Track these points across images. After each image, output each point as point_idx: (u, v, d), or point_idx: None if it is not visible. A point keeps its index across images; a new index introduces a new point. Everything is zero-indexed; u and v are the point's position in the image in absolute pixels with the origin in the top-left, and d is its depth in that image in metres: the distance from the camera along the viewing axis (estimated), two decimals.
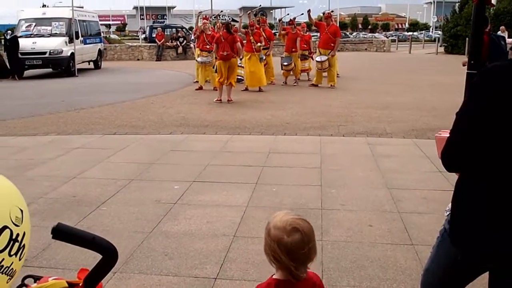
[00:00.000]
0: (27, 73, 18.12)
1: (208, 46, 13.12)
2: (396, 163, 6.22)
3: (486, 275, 2.04)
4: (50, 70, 18.49)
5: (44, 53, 17.51)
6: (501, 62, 1.96)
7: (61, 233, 1.15)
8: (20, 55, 17.12)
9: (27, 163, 6.34)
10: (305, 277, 1.75)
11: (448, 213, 2.13)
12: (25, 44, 17.24)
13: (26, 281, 1.33)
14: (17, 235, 1.25)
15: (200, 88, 13.50)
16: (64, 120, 9.32)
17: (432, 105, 10.74)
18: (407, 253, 3.76)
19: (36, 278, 1.26)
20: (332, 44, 13.84)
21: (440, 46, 35.76)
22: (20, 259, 1.30)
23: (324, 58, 13.68)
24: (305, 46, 15.22)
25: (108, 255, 1.19)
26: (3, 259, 1.20)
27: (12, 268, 1.26)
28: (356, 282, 3.36)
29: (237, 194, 5.07)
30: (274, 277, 1.75)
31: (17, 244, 1.25)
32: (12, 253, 1.23)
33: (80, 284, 1.21)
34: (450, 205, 2.18)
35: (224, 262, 3.64)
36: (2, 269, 1.22)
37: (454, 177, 2.06)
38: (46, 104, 11.27)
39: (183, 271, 3.52)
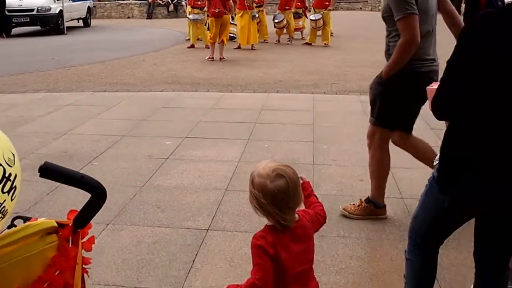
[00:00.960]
0: (15, 31, 17.71)
1: (199, 3, 12.83)
2: None
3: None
4: (38, 28, 18.10)
5: (32, 10, 17.07)
6: (494, 9, 1.94)
7: (49, 171, 1.14)
8: (7, 12, 16.70)
9: (17, 119, 6.29)
10: (296, 220, 1.75)
11: (436, 162, 2.15)
12: (12, 0, 16.79)
13: (15, 222, 1.33)
14: (10, 174, 1.25)
15: (192, 46, 13.30)
16: (54, 78, 9.20)
17: None
18: (396, 206, 3.82)
19: (26, 219, 1.26)
20: (327, 3, 13.64)
21: None
22: (12, 200, 1.30)
23: (318, 16, 13.46)
24: (299, 4, 14.93)
25: (97, 194, 1.19)
26: None
27: (4, 206, 1.26)
28: (345, 233, 3.41)
29: (229, 149, 5.07)
30: (267, 224, 1.75)
31: (9, 183, 1.25)
32: (4, 190, 1.23)
33: (70, 225, 1.21)
34: (439, 154, 2.19)
35: (216, 214, 3.67)
36: None
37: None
38: (35, 62, 11.07)
39: (176, 223, 3.56)
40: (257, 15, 13.25)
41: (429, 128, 5.83)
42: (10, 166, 1.24)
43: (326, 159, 4.79)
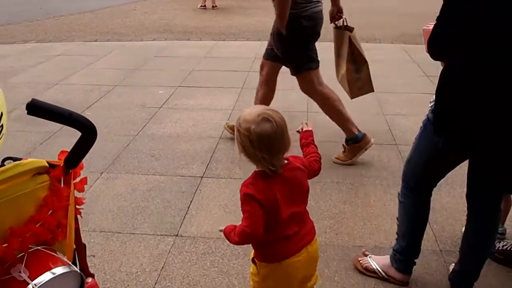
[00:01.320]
0: None
1: None
2: (384, 68, 6.14)
3: None
4: None
5: None
6: None
7: (36, 108, 1.11)
8: None
9: (7, 70, 6.17)
10: (285, 164, 1.71)
11: (432, 103, 2.13)
12: None
13: (5, 163, 1.31)
14: None
15: None
16: (43, 28, 8.97)
17: (424, 10, 10.46)
18: (391, 152, 3.83)
19: (16, 159, 1.24)
20: None
21: None
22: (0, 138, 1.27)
23: None
24: None
25: (87, 131, 1.16)
26: None
27: None
28: (339, 179, 3.44)
29: (223, 98, 5.03)
30: (256, 170, 1.72)
31: None
32: None
33: (61, 165, 1.19)
34: (434, 96, 2.17)
35: (210, 162, 3.68)
36: None
37: None
38: (22, 11, 10.76)
39: (170, 170, 3.56)
40: None
41: (424, 75, 5.80)
42: None
43: None
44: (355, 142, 3.61)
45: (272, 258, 1.75)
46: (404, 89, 5.30)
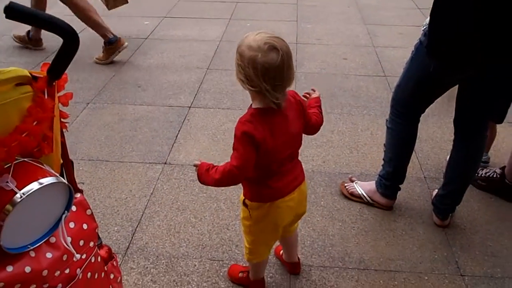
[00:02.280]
0: None
1: None
2: (375, 1, 6.03)
3: None
4: None
5: None
6: None
7: (15, 11, 1.05)
8: None
9: None
10: (286, 99, 1.56)
11: (424, 27, 2.09)
12: None
13: None
14: None
15: None
16: None
17: None
18: (379, 83, 3.82)
19: None
20: None
21: None
22: None
23: None
24: None
25: (68, 37, 1.11)
26: None
27: None
28: (328, 109, 3.43)
29: (210, 29, 4.92)
30: (253, 106, 1.57)
31: None
32: None
33: (44, 76, 1.15)
34: (427, 19, 2.13)
35: (198, 92, 3.64)
36: None
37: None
38: None
39: (158, 101, 3.53)
40: None
41: (416, 8, 5.70)
42: None
43: (310, 38, 4.68)
44: (111, 44, 4.05)
45: (267, 197, 1.68)
46: (395, 22, 5.22)
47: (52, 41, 4.34)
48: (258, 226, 1.75)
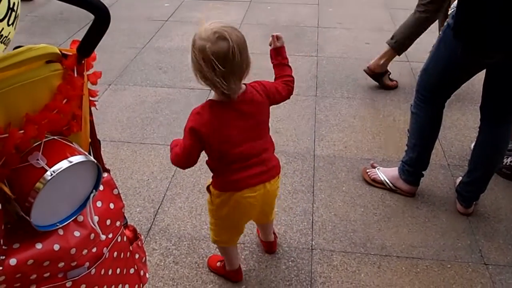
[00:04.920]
0: None
1: None
2: None
3: None
4: None
5: None
6: None
7: None
8: None
9: None
10: (242, 92, 1.55)
11: (452, 10, 2.05)
12: None
13: None
14: (14, 3, 1.17)
15: None
16: None
17: None
18: (402, 69, 3.76)
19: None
20: None
21: None
22: (15, 29, 1.23)
23: None
24: None
25: (100, 14, 1.09)
26: (2, 29, 1.14)
27: (9, 38, 1.20)
28: (350, 94, 3.40)
29: (231, 11, 4.88)
30: (209, 98, 1.58)
31: (13, 14, 1.18)
32: (10, 22, 1.16)
33: (74, 54, 1.15)
34: (455, 2, 2.08)
35: None
36: (1, 39, 1.16)
37: None
38: None
39: (178, 83, 3.53)
40: None
41: None
42: None
43: (331, 22, 4.62)
44: None
45: (226, 186, 1.67)
46: None
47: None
48: (220, 212, 1.76)
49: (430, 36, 4.01)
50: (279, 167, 1.74)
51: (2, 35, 1.15)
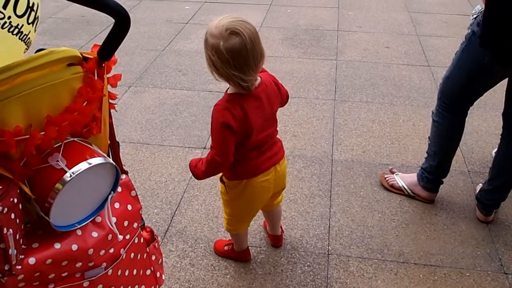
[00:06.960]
0: None
1: None
2: None
3: None
4: None
5: None
6: None
7: None
8: None
9: None
10: (258, 83, 1.58)
11: (474, 16, 2.02)
12: None
13: None
14: (33, 4, 1.19)
15: None
16: None
17: None
18: (423, 73, 3.72)
19: None
20: None
21: None
22: (35, 31, 1.26)
23: None
24: None
25: (120, 18, 1.10)
26: (22, 25, 1.16)
27: (29, 38, 1.22)
28: (369, 98, 3.37)
29: (251, 14, 4.88)
30: (228, 92, 1.60)
31: (33, 14, 1.20)
32: (29, 21, 1.18)
33: (94, 57, 1.16)
34: (477, 7, 2.05)
35: None
36: (22, 36, 1.18)
37: (477, 2, 1.90)
38: None
39: (197, 86, 3.54)
40: None
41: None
42: None
43: (351, 26, 4.60)
44: None
45: (241, 175, 1.70)
46: (439, 10, 5.06)
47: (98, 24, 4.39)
48: (236, 202, 1.81)
49: (452, 40, 3.97)
50: (283, 147, 1.80)
51: (22, 32, 1.17)
